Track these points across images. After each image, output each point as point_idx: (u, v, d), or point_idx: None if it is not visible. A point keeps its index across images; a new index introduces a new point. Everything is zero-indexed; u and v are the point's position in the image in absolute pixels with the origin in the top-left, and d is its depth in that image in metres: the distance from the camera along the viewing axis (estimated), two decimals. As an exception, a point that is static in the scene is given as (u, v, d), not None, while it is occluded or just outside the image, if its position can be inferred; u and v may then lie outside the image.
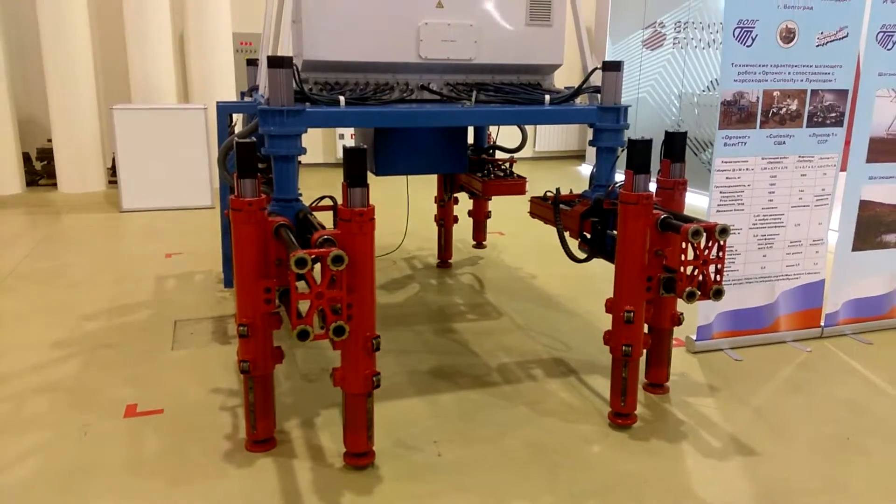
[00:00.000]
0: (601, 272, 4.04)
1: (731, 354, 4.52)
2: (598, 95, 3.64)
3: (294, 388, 3.95)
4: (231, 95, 9.92)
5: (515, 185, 4.91)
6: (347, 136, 11.68)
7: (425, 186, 6.20)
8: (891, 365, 4.42)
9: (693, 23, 10.77)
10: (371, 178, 3.03)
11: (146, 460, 3.24)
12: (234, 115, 5.18)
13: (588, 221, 3.69)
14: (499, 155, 5.31)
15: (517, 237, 7.32)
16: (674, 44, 10.50)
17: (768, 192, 4.47)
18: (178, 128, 8.87)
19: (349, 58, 3.42)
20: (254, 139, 2.95)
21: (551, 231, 3.94)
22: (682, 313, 3.83)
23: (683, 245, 3.17)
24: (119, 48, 9.77)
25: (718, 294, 3.21)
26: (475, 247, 6.60)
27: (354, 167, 2.86)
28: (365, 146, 2.86)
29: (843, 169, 4.68)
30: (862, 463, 3.34)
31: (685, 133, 3.62)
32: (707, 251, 3.18)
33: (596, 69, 3.58)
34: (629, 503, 2.99)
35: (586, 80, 3.73)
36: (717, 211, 4.34)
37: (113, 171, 10.05)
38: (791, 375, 4.26)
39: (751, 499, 3.03)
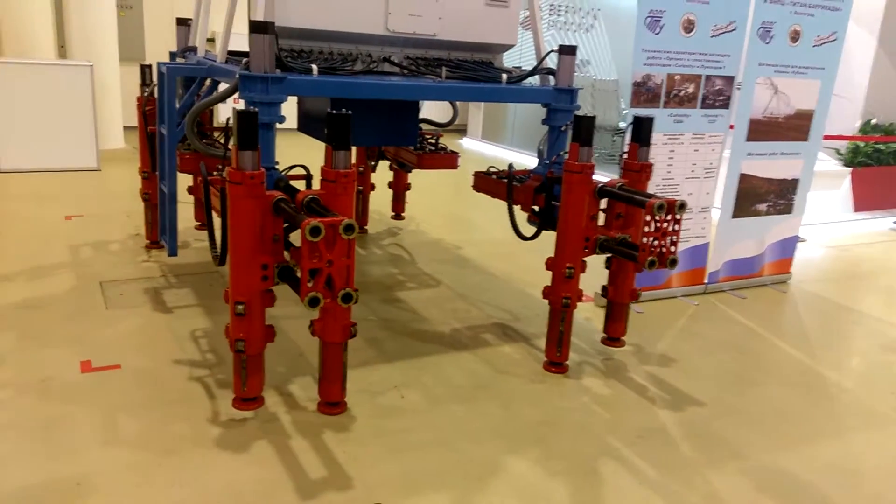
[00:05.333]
0: (515, 240, 4.39)
1: (633, 308, 5.11)
2: (550, 77, 4.00)
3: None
4: (115, 53, 9.50)
5: (449, 159, 5.18)
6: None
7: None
8: (762, 314, 5.20)
9: (568, 7, 11.44)
10: (292, 143, 3.06)
11: (120, 411, 3.32)
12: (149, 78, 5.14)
13: (541, 196, 4.04)
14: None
15: (425, 208, 7.58)
16: (548, 26, 11.10)
17: (667, 165, 5.06)
18: (61, 85, 8.43)
19: (321, 26, 3.54)
20: (255, 108, 2.94)
21: (461, 202, 4.23)
22: (639, 289, 4.19)
23: (647, 218, 3.46)
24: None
25: (674, 263, 3.54)
26: (394, 218, 6.73)
27: (338, 132, 3.06)
28: (350, 112, 3.05)
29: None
30: (755, 393, 4.00)
31: (652, 119, 3.94)
32: (666, 224, 3.50)
33: (552, 51, 3.94)
34: (575, 429, 3.45)
35: (542, 61, 4.06)
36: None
37: (-20, 128, 9.38)
38: (685, 325, 4.92)
39: (674, 423, 3.58)
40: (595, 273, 4.30)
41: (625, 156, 4.00)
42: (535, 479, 3.04)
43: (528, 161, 6.60)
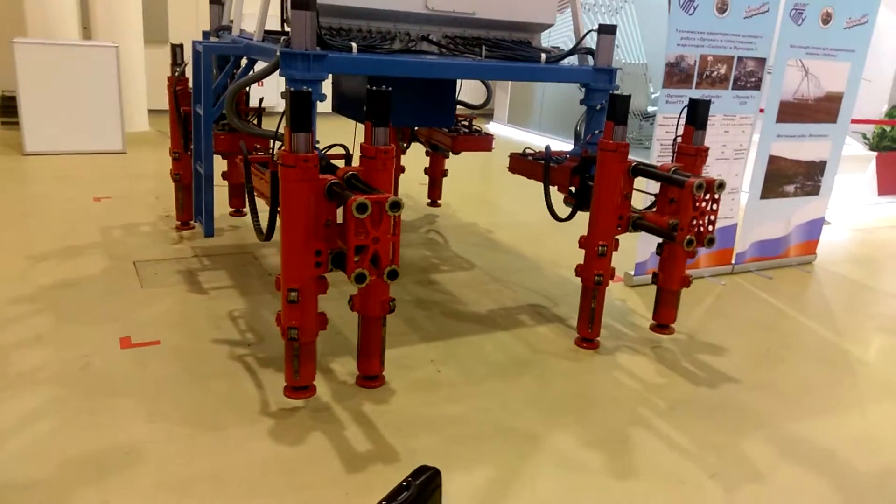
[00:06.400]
0: (545, 224, 4.45)
1: (660, 289, 5.13)
2: (589, 57, 3.99)
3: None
4: (139, 35, 9.53)
5: (483, 142, 5.15)
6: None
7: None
8: (789, 295, 5.22)
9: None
10: (325, 125, 3.00)
11: (162, 386, 3.40)
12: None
13: (577, 177, 4.04)
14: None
15: (456, 192, 7.48)
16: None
17: (697, 146, 5.05)
18: (86, 67, 8.41)
19: (361, 4, 3.55)
20: (309, 89, 2.83)
21: (490, 186, 4.21)
22: (690, 275, 4.10)
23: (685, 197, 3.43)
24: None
25: (711, 242, 3.54)
26: (430, 205, 6.59)
27: (378, 108, 3.07)
28: (390, 88, 3.05)
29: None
30: (781, 368, 4.05)
31: (709, 101, 3.87)
32: (705, 203, 3.51)
33: (591, 30, 3.94)
34: (607, 401, 3.52)
35: (581, 40, 4.06)
36: (658, 161, 4.87)
37: (5, 110, 9.44)
38: (713, 304, 4.95)
39: (706, 397, 3.63)
40: (624, 254, 4.33)
41: (678, 139, 3.97)
42: (571, 448, 3.10)
43: (555, 146, 6.49)
